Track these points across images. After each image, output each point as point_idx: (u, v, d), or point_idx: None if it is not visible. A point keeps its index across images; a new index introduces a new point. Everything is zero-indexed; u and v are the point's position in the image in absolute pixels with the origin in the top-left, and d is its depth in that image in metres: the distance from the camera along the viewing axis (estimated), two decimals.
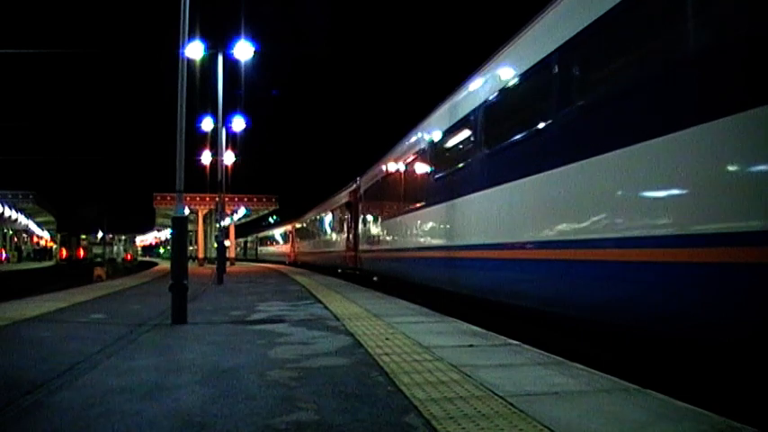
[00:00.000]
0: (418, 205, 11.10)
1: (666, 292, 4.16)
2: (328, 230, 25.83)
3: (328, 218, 25.81)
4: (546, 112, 5.94)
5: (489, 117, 7.68)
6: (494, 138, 7.49)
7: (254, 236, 62.74)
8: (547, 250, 5.82)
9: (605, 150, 4.80)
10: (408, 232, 11.98)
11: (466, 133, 8.63)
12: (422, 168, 11.14)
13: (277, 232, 48.45)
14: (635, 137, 4.40)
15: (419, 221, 11.09)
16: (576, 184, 5.30)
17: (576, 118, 5.34)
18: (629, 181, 4.57)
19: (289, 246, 40.85)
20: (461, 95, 8.84)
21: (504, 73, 7.22)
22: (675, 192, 4.16)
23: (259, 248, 58.23)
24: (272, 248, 50.17)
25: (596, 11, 4.98)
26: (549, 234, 5.85)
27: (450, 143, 9.47)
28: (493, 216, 7.39)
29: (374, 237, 16.11)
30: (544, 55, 5.97)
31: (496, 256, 7.14)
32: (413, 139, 12.08)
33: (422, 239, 10.95)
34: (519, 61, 6.78)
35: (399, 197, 13.05)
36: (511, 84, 6.99)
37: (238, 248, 71.08)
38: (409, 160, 12.16)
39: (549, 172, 5.75)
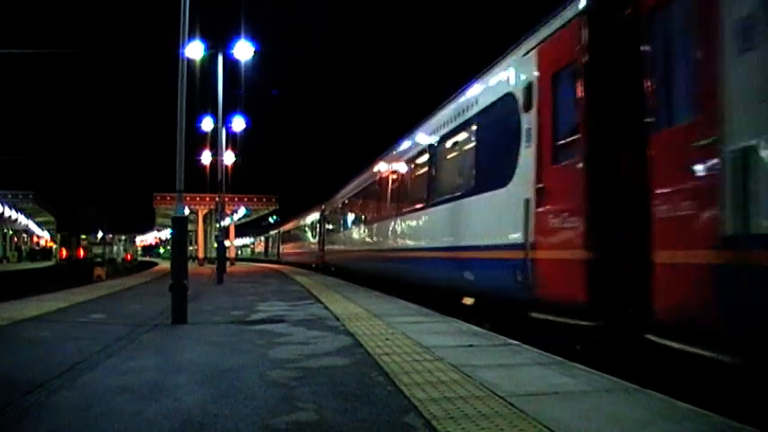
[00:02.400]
0: None
1: None
2: (405, 203, 11.74)
3: (405, 175, 12.05)
4: None
5: None
6: None
7: (277, 231, 48.90)
8: None
9: None
10: None
11: None
12: None
13: (305, 222, 32.15)
14: None
15: None
16: None
17: None
18: None
19: (316, 242, 27.38)
20: None
21: None
22: None
23: (281, 247, 43.74)
24: (295, 246, 36.25)
25: None
26: None
27: None
28: None
29: None
30: None
31: None
32: None
33: None
34: None
35: None
36: None
37: (261, 245, 59.82)
38: None
39: None
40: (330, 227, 23.39)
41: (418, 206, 10.50)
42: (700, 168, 3.87)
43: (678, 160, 4.10)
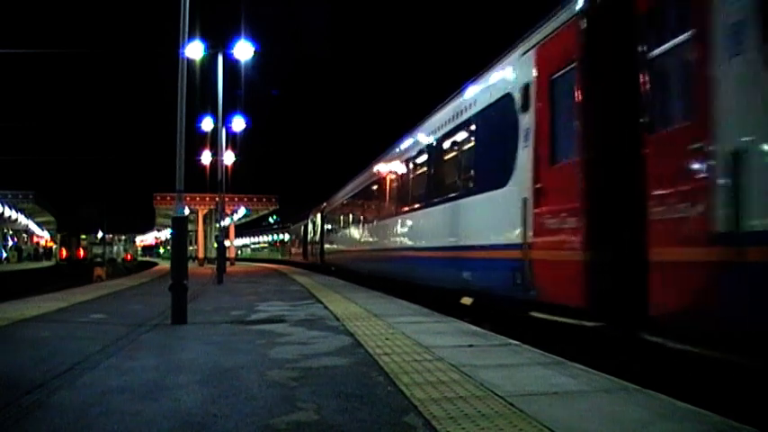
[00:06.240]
0: None
1: None
2: None
3: None
4: None
5: None
6: None
7: (318, 212, 27.47)
8: None
9: None
10: None
11: None
12: None
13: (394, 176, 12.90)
14: None
15: None
16: None
17: None
18: None
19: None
20: None
21: None
22: None
23: (326, 244, 25.02)
24: (361, 238, 17.09)
25: None
26: None
27: None
28: None
29: None
30: None
31: None
32: None
33: None
34: None
35: None
36: None
37: (297, 242, 37.56)
38: None
39: None
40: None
41: None
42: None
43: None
